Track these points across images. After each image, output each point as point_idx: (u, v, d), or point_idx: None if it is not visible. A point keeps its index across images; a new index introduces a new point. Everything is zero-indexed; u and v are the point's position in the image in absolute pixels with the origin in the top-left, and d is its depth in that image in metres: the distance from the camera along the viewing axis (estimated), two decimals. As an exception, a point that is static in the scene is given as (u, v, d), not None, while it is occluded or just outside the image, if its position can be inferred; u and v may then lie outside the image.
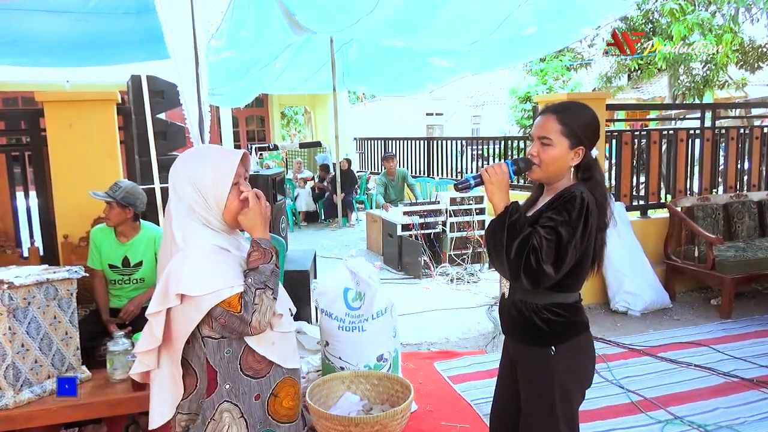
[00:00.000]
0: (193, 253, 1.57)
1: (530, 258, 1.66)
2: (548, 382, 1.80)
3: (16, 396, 2.37)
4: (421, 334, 4.57)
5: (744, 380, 3.61)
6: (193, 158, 1.68)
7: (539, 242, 1.66)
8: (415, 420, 3.15)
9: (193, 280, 1.54)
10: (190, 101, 3.33)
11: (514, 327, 1.90)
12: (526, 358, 1.88)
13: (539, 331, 1.80)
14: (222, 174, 1.62)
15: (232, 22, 5.39)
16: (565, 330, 1.81)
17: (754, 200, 5.63)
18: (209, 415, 1.62)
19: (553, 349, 1.79)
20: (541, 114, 1.86)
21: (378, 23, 5.51)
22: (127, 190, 3.22)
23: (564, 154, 1.79)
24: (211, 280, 1.54)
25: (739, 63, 12.38)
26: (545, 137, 1.79)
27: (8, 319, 2.32)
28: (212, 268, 1.57)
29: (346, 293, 3.25)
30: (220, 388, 1.62)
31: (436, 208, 6.72)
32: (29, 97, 5.80)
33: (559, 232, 1.67)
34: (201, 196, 1.62)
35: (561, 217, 1.69)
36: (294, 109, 18.90)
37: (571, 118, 1.80)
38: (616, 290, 5.00)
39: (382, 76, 9.49)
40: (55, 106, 3.84)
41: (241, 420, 1.63)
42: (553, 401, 1.79)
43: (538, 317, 1.80)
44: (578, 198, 1.71)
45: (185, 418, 1.66)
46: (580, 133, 1.79)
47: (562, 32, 6.15)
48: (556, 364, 1.79)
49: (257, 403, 1.65)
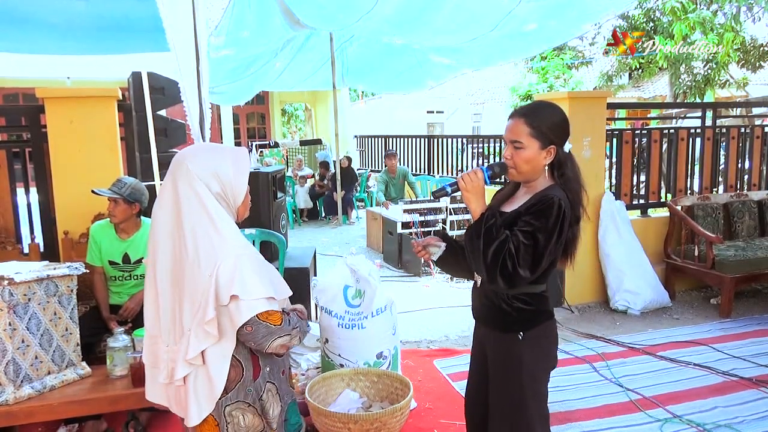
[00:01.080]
0: (242, 258, 1.61)
1: (507, 262, 1.74)
2: (516, 365, 1.92)
3: (17, 392, 2.38)
4: (421, 331, 4.58)
5: (743, 379, 3.61)
6: (212, 152, 1.72)
7: (516, 246, 1.75)
8: (414, 417, 3.15)
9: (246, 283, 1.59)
10: (191, 98, 3.33)
11: (485, 313, 2.02)
12: (495, 342, 2.00)
13: (509, 318, 1.92)
14: (242, 169, 1.70)
15: (232, 20, 5.37)
16: (533, 318, 1.93)
17: (754, 200, 5.63)
18: (257, 396, 1.73)
19: (521, 335, 1.91)
20: (511, 118, 1.93)
21: (378, 21, 5.49)
22: (132, 186, 3.23)
23: (536, 155, 1.86)
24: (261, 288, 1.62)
25: (741, 62, 12.36)
26: (516, 141, 1.87)
27: (8, 315, 2.32)
28: (262, 274, 1.65)
29: (346, 291, 3.25)
30: (263, 371, 1.74)
31: (436, 206, 6.72)
32: (30, 94, 5.78)
33: (537, 238, 1.76)
34: (223, 189, 1.67)
35: (539, 223, 1.77)
36: (294, 107, 18.90)
37: (540, 119, 1.87)
38: (616, 289, 5.00)
39: (382, 73, 9.46)
40: (55, 102, 3.84)
41: (277, 396, 1.78)
42: (521, 381, 1.92)
43: (508, 305, 1.91)
44: (556, 205, 1.79)
45: (234, 407, 1.71)
46: (549, 133, 1.86)
47: (563, 28, 6.12)
48: (523, 348, 1.91)
49: (284, 378, 1.82)
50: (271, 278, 1.70)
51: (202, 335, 1.61)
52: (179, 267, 1.63)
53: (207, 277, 1.58)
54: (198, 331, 1.61)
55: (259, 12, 5.46)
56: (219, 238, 1.60)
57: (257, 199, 4.33)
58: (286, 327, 1.66)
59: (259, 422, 1.74)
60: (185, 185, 1.63)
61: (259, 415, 1.74)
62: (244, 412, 1.71)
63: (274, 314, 1.63)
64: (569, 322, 4.73)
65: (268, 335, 1.62)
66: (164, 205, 1.67)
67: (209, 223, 1.61)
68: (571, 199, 1.86)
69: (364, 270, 3.23)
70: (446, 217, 6.66)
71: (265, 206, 4.43)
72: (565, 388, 3.54)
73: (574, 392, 3.49)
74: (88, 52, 6.12)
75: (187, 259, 1.61)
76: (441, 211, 6.71)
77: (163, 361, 1.69)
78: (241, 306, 1.58)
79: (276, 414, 1.77)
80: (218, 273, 1.57)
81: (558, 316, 4.83)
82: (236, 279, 1.57)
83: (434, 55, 7.72)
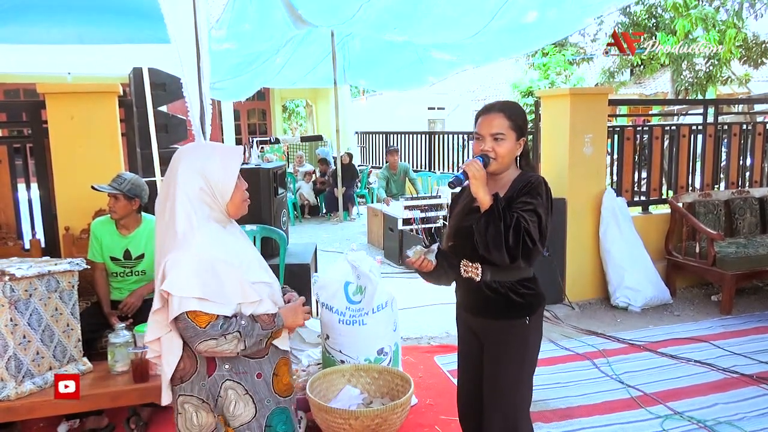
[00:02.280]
0: (187, 256, 1.63)
1: (527, 240, 1.85)
2: (522, 349, 2.05)
3: (18, 387, 2.38)
4: (422, 328, 4.58)
5: (744, 376, 3.61)
6: (200, 151, 1.78)
7: (527, 224, 1.86)
8: (415, 414, 3.16)
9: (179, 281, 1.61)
10: (193, 94, 3.32)
11: (488, 306, 2.07)
12: (500, 332, 2.07)
13: (517, 305, 2.03)
14: (230, 167, 1.73)
15: (234, 12, 5.35)
16: (535, 301, 2.07)
17: (755, 196, 5.63)
18: (215, 392, 1.72)
19: (528, 319, 2.04)
20: (486, 113, 2.06)
21: (378, 11, 5.45)
22: (132, 182, 3.23)
23: (513, 146, 2.03)
24: (195, 288, 1.61)
25: (743, 59, 12.34)
26: (498, 133, 2.00)
27: (10, 310, 2.33)
28: (203, 276, 1.63)
29: (346, 287, 3.26)
30: (220, 368, 1.72)
31: (437, 202, 6.72)
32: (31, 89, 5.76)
33: (539, 213, 1.91)
34: (209, 186, 1.70)
35: (536, 200, 1.92)
36: (295, 103, 18.89)
37: (515, 113, 2.04)
38: (617, 285, 5.00)
39: (383, 69, 9.44)
40: (56, 98, 3.84)
41: (247, 396, 1.73)
42: (524, 363, 2.07)
43: (514, 293, 2.02)
44: (543, 183, 1.99)
45: (187, 399, 1.74)
46: (523, 126, 2.05)
47: (563, 21, 6.06)
48: (529, 332, 2.06)
49: (260, 381, 1.76)
50: (215, 282, 1.64)
51: (154, 323, 1.72)
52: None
53: (159, 271, 1.65)
54: (151, 318, 1.72)
55: (261, 5, 5.45)
56: (181, 236, 1.64)
57: (258, 195, 4.33)
58: (212, 331, 1.61)
59: (213, 421, 1.73)
60: (175, 181, 1.69)
61: (211, 411, 1.73)
62: (197, 409, 1.73)
63: (201, 316, 1.61)
64: (570, 319, 4.73)
65: (195, 336, 1.62)
66: (160, 200, 1.74)
67: (185, 221, 1.66)
68: None
69: (365, 266, 3.24)
70: (447, 214, 6.65)
71: (266, 202, 4.43)
72: (565, 385, 3.54)
73: (575, 389, 3.49)
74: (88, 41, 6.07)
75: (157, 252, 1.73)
76: (441, 207, 6.70)
77: None
78: (172, 301, 1.62)
79: (242, 414, 1.72)
80: (165, 267, 1.63)
81: (559, 312, 4.84)
82: (172, 275, 1.61)
83: (435, 51, 7.70)
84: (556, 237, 4.82)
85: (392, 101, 19.69)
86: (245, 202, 1.81)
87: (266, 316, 1.72)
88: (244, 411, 1.73)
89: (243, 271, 1.71)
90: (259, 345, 1.70)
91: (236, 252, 1.74)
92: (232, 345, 1.64)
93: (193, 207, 1.67)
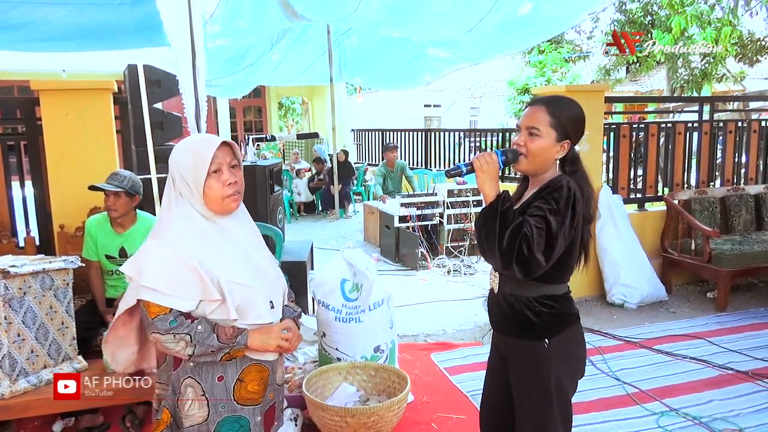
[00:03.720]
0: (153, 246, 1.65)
1: (522, 246, 1.65)
2: (543, 376, 1.79)
3: (12, 386, 2.37)
4: (418, 325, 4.58)
5: (739, 373, 3.62)
6: (180, 146, 1.73)
7: (530, 231, 1.66)
8: (411, 411, 3.16)
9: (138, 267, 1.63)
10: (188, 91, 3.31)
11: (505, 321, 1.89)
12: (518, 353, 1.87)
13: (531, 324, 1.80)
14: (200, 160, 1.64)
15: (228, 8, 5.34)
16: (557, 322, 1.81)
17: (751, 194, 5.64)
18: (176, 387, 1.68)
19: (547, 342, 1.79)
20: (531, 105, 1.87)
21: (376, 7, 5.44)
22: (132, 179, 3.23)
23: (550, 146, 1.80)
24: (149, 278, 1.60)
25: (738, 56, 12.36)
26: (534, 127, 1.80)
27: (4, 308, 2.31)
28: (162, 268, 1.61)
29: (343, 284, 3.25)
30: (184, 364, 1.67)
31: (433, 199, 6.72)
32: (25, 86, 5.77)
33: (549, 221, 1.68)
34: (184, 181, 1.66)
35: (549, 206, 1.70)
36: (291, 100, 18.84)
37: (561, 110, 1.81)
38: (613, 283, 5.01)
39: (379, 67, 9.44)
40: (51, 94, 3.81)
41: (202, 398, 1.67)
42: (549, 394, 1.79)
43: (530, 310, 1.80)
44: (565, 186, 1.73)
45: (159, 386, 1.74)
46: (568, 126, 1.81)
47: (558, 16, 6.06)
48: (549, 357, 1.79)
49: (220, 384, 1.67)
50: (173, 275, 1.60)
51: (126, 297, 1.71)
52: None
53: None
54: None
55: (255, 1, 5.43)
56: (165, 226, 1.67)
57: (254, 192, 4.32)
58: (160, 325, 1.57)
59: (169, 416, 1.69)
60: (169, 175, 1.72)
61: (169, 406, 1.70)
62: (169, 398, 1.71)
63: (152, 306, 1.59)
64: (566, 316, 4.73)
65: (146, 325, 1.62)
66: None
67: (166, 213, 1.69)
68: (584, 195, 1.79)
69: (362, 264, 3.23)
70: (443, 211, 6.66)
71: (262, 200, 4.42)
72: (561, 382, 3.54)
73: (571, 386, 3.50)
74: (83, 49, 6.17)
75: None
76: (438, 204, 6.70)
77: None
78: (131, 285, 1.64)
79: (194, 415, 1.66)
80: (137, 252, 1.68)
81: (555, 309, 4.83)
82: (136, 260, 1.65)
83: (432, 48, 7.69)
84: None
85: (388, 99, 19.71)
86: (228, 198, 1.67)
87: (230, 329, 1.63)
88: (198, 413, 1.66)
89: (216, 267, 1.62)
90: (212, 357, 1.62)
91: (215, 248, 1.66)
92: (179, 346, 1.59)
93: (175, 203, 1.67)
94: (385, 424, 2.77)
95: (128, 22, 4.78)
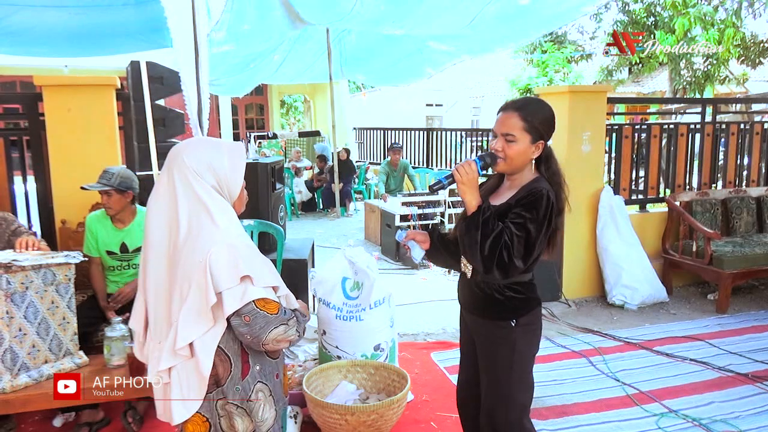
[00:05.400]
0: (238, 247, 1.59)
1: (503, 254, 1.80)
2: (508, 351, 2.00)
3: (13, 380, 2.37)
4: (418, 324, 4.58)
5: (739, 375, 3.62)
6: (208, 146, 1.70)
7: (510, 238, 1.81)
8: (411, 410, 3.16)
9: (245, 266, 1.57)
10: (191, 89, 3.31)
11: (476, 304, 2.06)
12: (487, 331, 2.06)
13: (502, 307, 1.99)
14: (238, 164, 1.69)
15: (233, 13, 5.35)
16: (523, 305, 2.00)
17: (752, 196, 5.64)
18: (248, 395, 1.67)
19: (514, 322, 1.98)
20: (503, 111, 1.98)
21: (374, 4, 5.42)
22: (121, 175, 3.18)
23: (527, 149, 1.93)
24: (271, 275, 1.63)
25: (741, 58, 12.35)
26: (509, 134, 1.91)
27: (6, 303, 2.32)
28: (258, 265, 1.61)
29: (344, 283, 3.25)
30: (252, 369, 1.68)
31: (434, 198, 6.72)
32: (28, 81, 5.78)
33: (529, 229, 1.83)
34: (218, 182, 1.66)
35: (530, 215, 1.84)
36: (293, 98, 18.84)
37: (533, 114, 1.93)
38: (614, 284, 5.01)
39: (380, 62, 9.39)
40: (53, 90, 3.82)
41: (270, 398, 1.71)
42: (511, 368, 2.01)
43: (501, 294, 1.97)
44: (545, 197, 1.87)
45: (222, 404, 1.65)
46: (540, 128, 1.93)
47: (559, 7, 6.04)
48: (515, 335, 1.99)
49: (277, 382, 1.76)
50: (270, 269, 1.67)
51: (192, 323, 1.56)
52: (174, 258, 1.60)
53: (198, 263, 1.54)
54: (187, 318, 1.55)
55: (260, 5, 5.43)
56: (214, 227, 1.58)
57: (256, 190, 4.32)
58: (283, 316, 1.60)
59: (249, 424, 1.67)
60: (181, 177, 1.62)
61: (248, 416, 1.67)
62: (230, 413, 1.65)
63: (271, 303, 1.59)
64: (566, 317, 4.73)
65: (266, 325, 1.56)
66: (160, 197, 1.64)
67: (205, 214, 1.60)
68: (556, 191, 1.93)
69: (363, 262, 3.23)
70: (444, 210, 6.66)
71: (264, 197, 4.42)
72: (561, 382, 3.55)
73: (571, 386, 3.50)
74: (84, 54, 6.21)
75: (183, 249, 1.58)
76: (439, 204, 6.70)
77: (153, 359, 1.66)
78: (230, 294, 1.54)
79: (267, 418, 1.69)
80: (210, 260, 1.53)
81: (555, 310, 4.84)
82: (240, 263, 1.55)
83: (432, 42, 7.67)
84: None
85: (390, 97, 19.68)
86: (245, 200, 1.80)
87: (303, 306, 1.74)
88: (269, 414, 1.70)
89: None
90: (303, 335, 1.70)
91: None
92: (293, 332, 1.63)
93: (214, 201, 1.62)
94: (385, 422, 2.78)
95: (132, 23, 4.78)
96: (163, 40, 4.57)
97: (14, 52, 6.32)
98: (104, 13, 4.68)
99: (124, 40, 5.28)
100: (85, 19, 4.73)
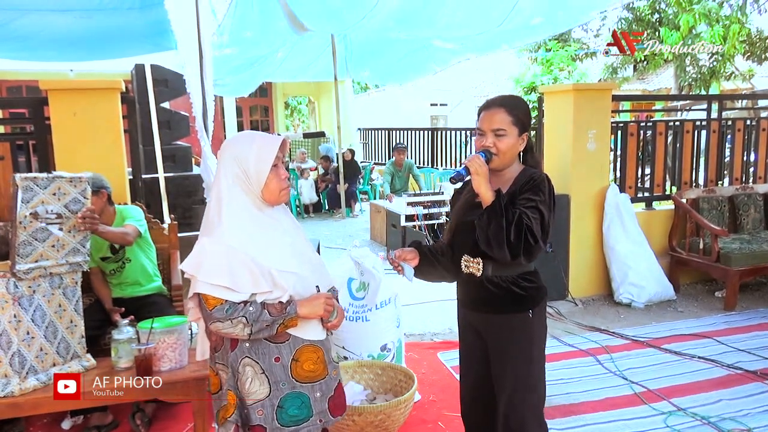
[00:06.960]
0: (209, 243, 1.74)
1: (528, 237, 1.85)
2: (527, 344, 2.04)
3: (22, 383, 2.38)
4: (425, 324, 4.58)
5: (748, 372, 3.61)
6: (240, 139, 1.88)
7: (529, 221, 1.85)
8: (418, 410, 3.16)
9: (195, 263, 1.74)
10: (196, 91, 3.32)
11: (491, 300, 2.05)
12: (502, 327, 2.06)
13: (519, 299, 2.02)
14: (265, 154, 1.78)
15: (235, 19, 5.36)
16: (537, 294, 2.05)
17: (760, 192, 5.60)
18: (235, 367, 1.81)
19: (531, 312, 2.02)
20: (486, 109, 2.05)
21: (382, 18, 5.43)
22: (90, 178, 3.12)
23: (516, 142, 2.01)
24: (207, 273, 1.72)
25: (746, 54, 12.29)
26: (499, 129, 1.99)
27: (14, 306, 2.33)
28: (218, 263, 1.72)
29: (350, 283, 3.25)
30: (241, 345, 1.80)
31: (439, 198, 6.72)
32: (33, 86, 5.82)
33: (541, 210, 1.90)
34: (243, 172, 1.77)
35: (539, 197, 1.92)
36: (298, 99, 18.87)
37: (516, 108, 2.02)
38: (620, 282, 4.99)
39: (385, 59, 9.38)
40: (59, 94, 3.83)
41: (263, 376, 1.80)
42: (531, 356, 2.04)
43: (517, 286, 2.01)
44: (546, 179, 1.97)
45: (220, 367, 1.86)
46: (525, 120, 2.03)
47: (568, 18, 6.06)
48: (533, 325, 2.03)
49: (278, 365, 1.82)
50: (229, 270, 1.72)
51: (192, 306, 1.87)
52: None
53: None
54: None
55: (263, 13, 5.44)
56: (217, 221, 1.75)
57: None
58: (217, 314, 1.72)
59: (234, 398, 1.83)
60: (218, 169, 1.82)
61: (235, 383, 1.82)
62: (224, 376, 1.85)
63: (210, 299, 1.72)
64: (573, 315, 4.72)
65: (204, 316, 1.77)
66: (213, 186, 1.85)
67: (216, 206, 1.77)
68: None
69: (369, 262, 3.23)
70: (449, 210, 6.65)
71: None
72: (569, 381, 3.54)
73: (578, 385, 3.49)
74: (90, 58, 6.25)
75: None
76: (444, 203, 6.69)
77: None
78: (192, 282, 1.75)
79: (256, 391, 1.79)
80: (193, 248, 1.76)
81: (562, 308, 4.83)
82: (194, 257, 1.74)
83: (437, 40, 7.68)
84: (560, 233, 4.81)
85: (395, 97, 19.66)
86: (284, 191, 1.84)
87: (278, 304, 1.77)
88: (259, 389, 1.80)
89: (266, 259, 1.76)
90: (269, 331, 1.76)
91: (268, 237, 1.80)
92: (238, 329, 1.73)
93: (229, 195, 1.76)
94: (392, 422, 2.78)
95: (137, 26, 4.81)
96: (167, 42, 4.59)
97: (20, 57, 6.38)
98: (109, 17, 4.71)
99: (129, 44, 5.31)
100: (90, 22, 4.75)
